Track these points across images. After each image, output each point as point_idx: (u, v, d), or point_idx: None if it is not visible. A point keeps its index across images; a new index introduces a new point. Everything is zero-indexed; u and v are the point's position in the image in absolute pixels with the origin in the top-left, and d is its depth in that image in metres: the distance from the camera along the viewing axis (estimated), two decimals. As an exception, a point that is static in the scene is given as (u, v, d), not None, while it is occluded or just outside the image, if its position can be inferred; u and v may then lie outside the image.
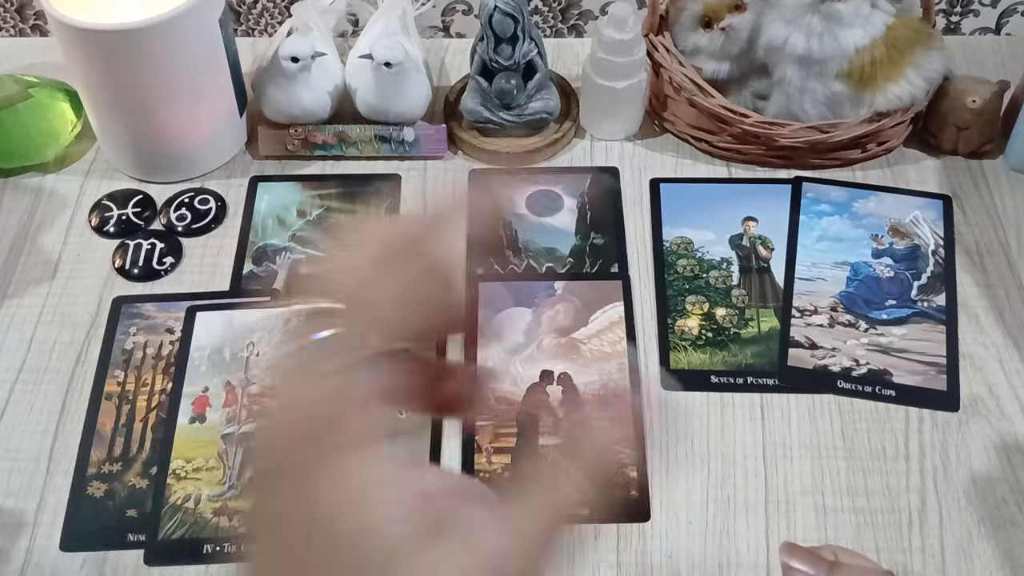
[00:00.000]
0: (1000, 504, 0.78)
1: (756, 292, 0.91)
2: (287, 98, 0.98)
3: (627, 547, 0.76)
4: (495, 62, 0.96)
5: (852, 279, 0.92)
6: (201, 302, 0.90)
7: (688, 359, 0.87)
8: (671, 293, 0.91)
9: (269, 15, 1.15)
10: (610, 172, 1.01)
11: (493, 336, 0.87)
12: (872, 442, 0.81)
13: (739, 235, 0.95)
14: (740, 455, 0.81)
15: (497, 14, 0.93)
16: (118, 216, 0.97)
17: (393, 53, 0.94)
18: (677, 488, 0.79)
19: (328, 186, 1.00)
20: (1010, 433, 0.82)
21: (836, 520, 0.77)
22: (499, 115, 0.99)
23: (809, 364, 0.86)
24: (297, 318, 0.36)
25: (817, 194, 0.98)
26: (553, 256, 0.94)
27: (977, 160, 1.01)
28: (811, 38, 0.93)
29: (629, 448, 0.81)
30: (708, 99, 0.98)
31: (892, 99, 0.95)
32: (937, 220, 0.96)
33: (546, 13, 1.14)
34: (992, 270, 0.92)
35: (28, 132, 0.99)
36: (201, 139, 0.98)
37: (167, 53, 0.89)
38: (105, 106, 0.95)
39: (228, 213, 0.98)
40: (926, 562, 0.75)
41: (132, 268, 0.93)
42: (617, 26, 0.95)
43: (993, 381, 0.85)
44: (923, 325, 0.88)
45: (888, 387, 0.84)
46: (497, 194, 0.53)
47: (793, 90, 0.96)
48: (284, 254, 0.94)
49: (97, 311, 0.90)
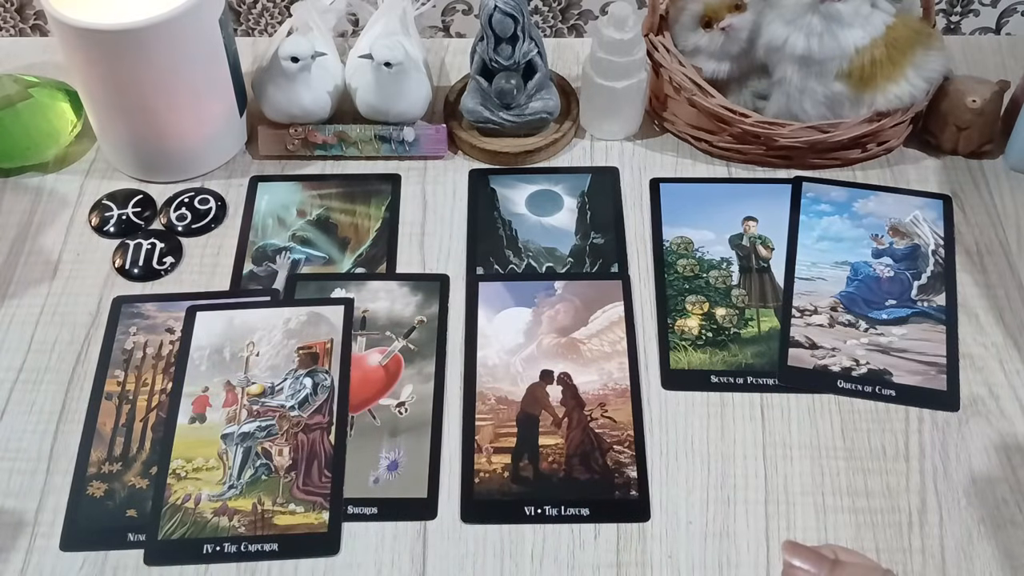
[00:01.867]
0: (1000, 504, 0.78)
1: (756, 292, 0.91)
2: (287, 98, 0.98)
3: (627, 547, 0.76)
4: (495, 62, 0.96)
5: (852, 279, 0.92)
6: (201, 302, 0.90)
7: (688, 359, 0.87)
8: (671, 293, 0.91)
9: (269, 15, 1.15)
10: (610, 172, 1.01)
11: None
12: (872, 442, 0.81)
13: (739, 235, 0.95)
14: (740, 455, 0.81)
15: (497, 14, 0.93)
16: (118, 216, 0.97)
17: (393, 53, 0.94)
18: (677, 488, 0.79)
19: (328, 186, 1.00)
20: (1010, 433, 0.82)
21: (836, 520, 0.77)
22: (499, 115, 0.99)
23: (809, 364, 0.86)
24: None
25: (817, 194, 0.98)
26: (553, 256, 0.94)
27: (977, 160, 1.01)
28: (811, 38, 0.93)
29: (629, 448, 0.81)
30: (708, 99, 0.98)
31: (892, 99, 0.95)
32: (937, 220, 0.96)
33: (546, 13, 1.14)
34: (992, 270, 0.92)
35: (28, 132, 0.99)
36: (201, 139, 0.98)
37: (167, 53, 0.89)
38: (105, 106, 0.95)
39: (228, 213, 0.98)
40: (926, 562, 0.75)
41: (132, 268, 0.93)
42: (617, 26, 0.95)
43: (993, 381, 0.85)
44: (923, 325, 0.88)
45: (888, 387, 0.84)
46: None
47: (793, 90, 0.96)
48: (284, 254, 0.95)
49: (97, 311, 0.90)
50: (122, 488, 0.79)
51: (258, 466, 0.80)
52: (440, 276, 0.92)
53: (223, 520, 0.77)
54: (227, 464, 0.80)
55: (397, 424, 0.83)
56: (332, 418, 0.82)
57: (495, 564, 0.76)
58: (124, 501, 0.79)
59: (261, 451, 0.81)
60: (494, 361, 0.86)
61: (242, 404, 0.83)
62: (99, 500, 0.79)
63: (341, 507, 0.78)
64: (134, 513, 0.78)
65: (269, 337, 0.87)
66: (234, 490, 0.79)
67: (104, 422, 0.83)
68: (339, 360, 0.86)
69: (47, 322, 0.90)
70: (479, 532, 0.77)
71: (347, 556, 0.76)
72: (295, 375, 0.85)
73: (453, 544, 0.77)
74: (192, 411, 0.83)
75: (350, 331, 0.88)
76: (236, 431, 0.82)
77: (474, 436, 0.82)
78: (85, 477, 0.80)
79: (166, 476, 0.79)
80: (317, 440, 0.81)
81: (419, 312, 0.90)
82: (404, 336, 0.88)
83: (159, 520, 0.77)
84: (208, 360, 0.86)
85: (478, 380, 0.85)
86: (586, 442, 0.81)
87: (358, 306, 0.90)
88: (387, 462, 0.81)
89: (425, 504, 0.78)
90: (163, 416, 0.83)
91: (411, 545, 0.76)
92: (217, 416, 0.83)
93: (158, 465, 0.80)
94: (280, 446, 0.81)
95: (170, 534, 0.77)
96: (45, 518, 0.78)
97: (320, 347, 0.87)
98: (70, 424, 0.83)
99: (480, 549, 0.76)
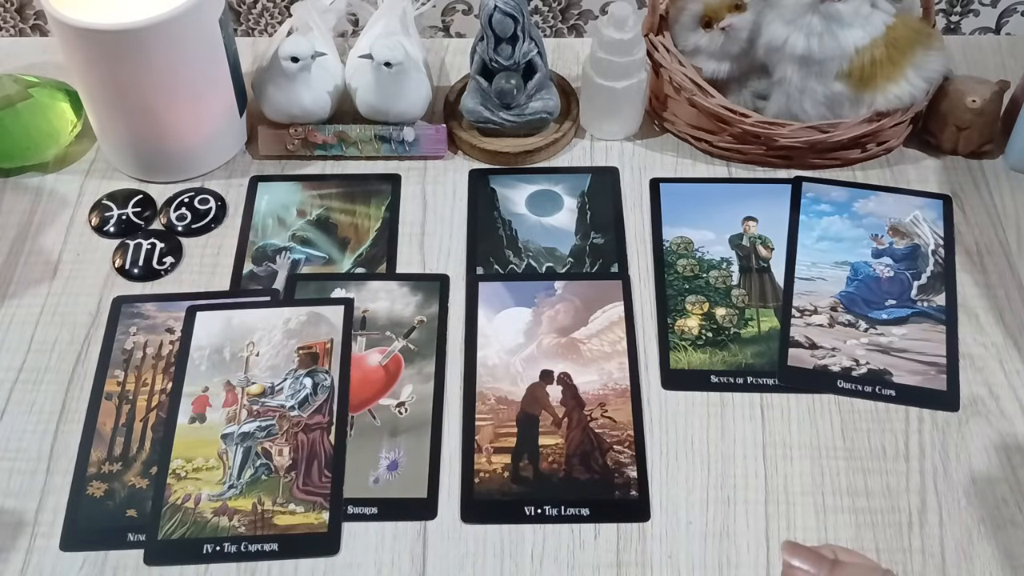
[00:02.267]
0: (1000, 504, 0.78)
1: (756, 292, 0.91)
2: (287, 98, 0.98)
3: (627, 547, 0.76)
4: (495, 62, 0.96)
5: (852, 279, 0.92)
6: (201, 302, 0.90)
7: (688, 359, 0.87)
8: (671, 293, 0.91)
9: (269, 15, 1.15)
10: (610, 172, 1.01)
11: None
12: (872, 442, 0.81)
13: (739, 235, 0.95)
14: (740, 455, 0.81)
15: (497, 14, 0.93)
16: (118, 216, 0.97)
17: (393, 53, 0.94)
18: (677, 488, 0.79)
19: (328, 186, 1.00)
20: (1010, 433, 0.82)
21: (836, 520, 0.77)
22: (499, 115, 0.99)
23: (809, 364, 0.86)
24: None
25: (817, 194, 0.98)
26: (553, 256, 0.94)
27: (977, 160, 1.01)
28: (811, 38, 0.93)
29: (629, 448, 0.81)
30: (708, 99, 0.98)
31: (892, 99, 0.95)
32: (937, 220, 0.96)
33: (546, 13, 1.14)
34: (992, 270, 0.92)
35: (28, 132, 0.99)
36: (201, 139, 0.98)
37: (167, 53, 0.89)
38: (105, 106, 0.95)
39: (228, 213, 0.98)
40: (926, 562, 0.75)
41: (132, 268, 0.93)
42: (617, 26, 0.95)
43: (993, 381, 0.85)
44: (923, 325, 0.88)
45: (888, 387, 0.84)
46: None
47: (793, 90, 0.96)
48: (284, 254, 0.95)
49: (97, 311, 0.90)
50: (122, 488, 0.79)
51: (258, 466, 0.80)
52: (440, 276, 0.92)
53: (223, 520, 0.77)
54: (227, 464, 0.80)
55: (397, 424, 0.83)
56: (332, 418, 0.82)
57: (495, 564, 0.76)
58: (124, 501, 0.79)
59: (261, 451, 0.81)
60: (494, 361, 0.86)
61: (242, 404, 0.83)
62: (99, 500, 0.79)
63: (341, 507, 0.78)
64: (134, 513, 0.78)
65: (269, 337, 0.87)
66: (234, 490, 0.79)
67: (104, 422, 0.83)
68: (339, 360, 0.86)
69: (47, 322, 0.90)
70: (479, 532, 0.77)
71: (347, 556, 0.76)
72: (295, 375, 0.85)
73: (453, 544, 0.77)
74: (192, 411, 0.83)
75: (350, 331, 0.88)
76: (236, 431, 0.82)
77: (474, 436, 0.82)
78: (85, 477, 0.80)
79: (166, 476, 0.79)
80: (317, 440, 0.81)
81: (419, 312, 0.90)
82: (404, 336, 0.88)
83: (159, 520, 0.77)
84: (208, 360, 0.86)
85: (478, 380, 0.85)
86: (586, 442, 0.81)
87: (358, 306, 0.90)
88: (387, 462, 0.81)
89: (425, 504, 0.78)
90: (163, 416, 0.83)
91: (411, 545, 0.76)
92: (217, 416, 0.83)
93: (158, 465, 0.80)
94: (280, 446, 0.81)
95: (170, 534, 0.77)
96: (45, 518, 0.78)
97: (320, 347, 0.87)
98: (70, 424, 0.83)
99: (480, 549, 0.76)
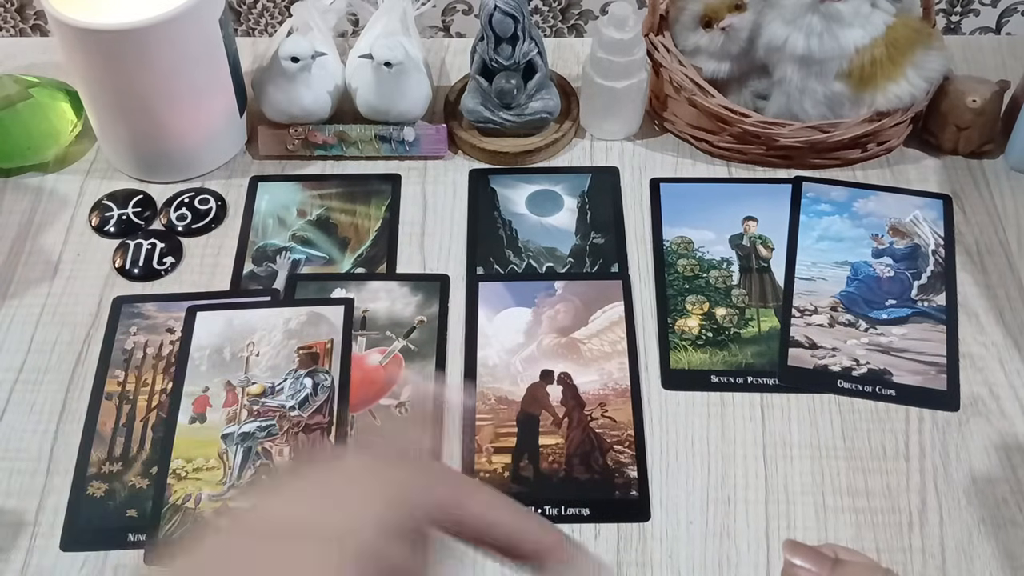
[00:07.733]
0: (1000, 504, 0.78)
1: (756, 292, 0.91)
2: (287, 98, 0.98)
3: (627, 547, 0.76)
4: (495, 62, 0.96)
5: (852, 279, 0.92)
6: (201, 302, 0.90)
7: (688, 359, 0.87)
8: (671, 293, 0.91)
9: (269, 15, 1.15)
10: (610, 172, 1.01)
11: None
12: (872, 442, 0.81)
13: (739, 235, 0.95)
14: (740, 455, 0.81)
15: (497, 14, 0.93)
16: (118, 216, 0.97)
17: (393, 53, 0.94)
18: (677, 488, 0.79)
19: (328, 186, 1.00)
20: (1010, 433, 0.82)
21: (836, 520, 0.77)
22: (499, 115, 0.99)
23: (809, 364, 0.86)
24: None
25: (817, 194, 0.98)
26: (553, 256, 0.94)
27: (977, 160, 1.01)
28: (811, 38, 0.93)
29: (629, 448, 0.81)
30: (708, 99, 0.98)
31: (892, 99, 0.95)
32: (937, 220, 0.96)
33: (546, 13, 1.14)
34: (992, 270, 0.92)
35: (28, 132, 0.99)
36: (201, 139, 0.98)
37: (167, 53, 0.89)
38: (105, 106, 0.95)
39: (228, 213, 0.98)
40: (926, 562, 0.75)
41: (132, 268, 0.93)
42: (617, 26, 0.95)
43: (993, 381, 0.85)
44: (923, 325, 0.88)
45: (888, 387, 0.84)
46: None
47: (793, 90, 0.96)
48: (284, 254, 0.95)
49: (97, 311, 0.90)
50: (122, 488, 0.79)
51: (258, 466, 0.80)
52: (440, 276, 0.92)
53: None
54: (227, 464, 0.80)
55: (398, 423, 0.83)
56: (332, 418, 0.82)
57: (495, 564, 0.75)
58: (124, 501, 0.79)
59: (261, 451, 0.81)
60: (494, 361, 0.86)
61: (242, 404, 0.83)
62: (99, 500, 0.79)
63: (341, 507, 0.78)
64: (134, 513, 0.78)
65: (269, 337, 0.87)
66: (235, 490, 0.79)
67: (104, 422, 0.83)
68: (339, 360, 0.86)
69: (47, 322, 0.90)
70: (479, 532, 0.77)
71: (347, 556, 0.76)
72: (295, 375, 0.85)
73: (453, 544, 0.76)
74: (192, 411, 0.83)
75: (350, 331, 0.88)
76: (236, 431, 0.82)
77: (474, 436, 0.82)
78: (85, 477, 0.80)
79: (166, 476, 0.79)
80: (317, 440, 0.81)
81: (419, 312, 0.90)
82: (404, 336, 0.88)
83: (159, 520, 0.77)
84: (208, 360, 0.86)
85: (478, 380, 0.85)
86: (586, 442, 0.81)
87: (358, 306, 0.90)
88: (387, 462, 0.80)
89: (425, 504, 0.78)
90: (163, 416, 0.83)
91: (411, 545, 0.76)
92: (217, 416, 0.83)
93: (158, 465, 0.80)
94: (280, 446, 0.81)
95: (170, 534, 0.77)
96: (45, 518, 0.78)
97: (320, 347, 0.87)
98: (70, 424, 0.83)
99: (480, 549, 0.76)
